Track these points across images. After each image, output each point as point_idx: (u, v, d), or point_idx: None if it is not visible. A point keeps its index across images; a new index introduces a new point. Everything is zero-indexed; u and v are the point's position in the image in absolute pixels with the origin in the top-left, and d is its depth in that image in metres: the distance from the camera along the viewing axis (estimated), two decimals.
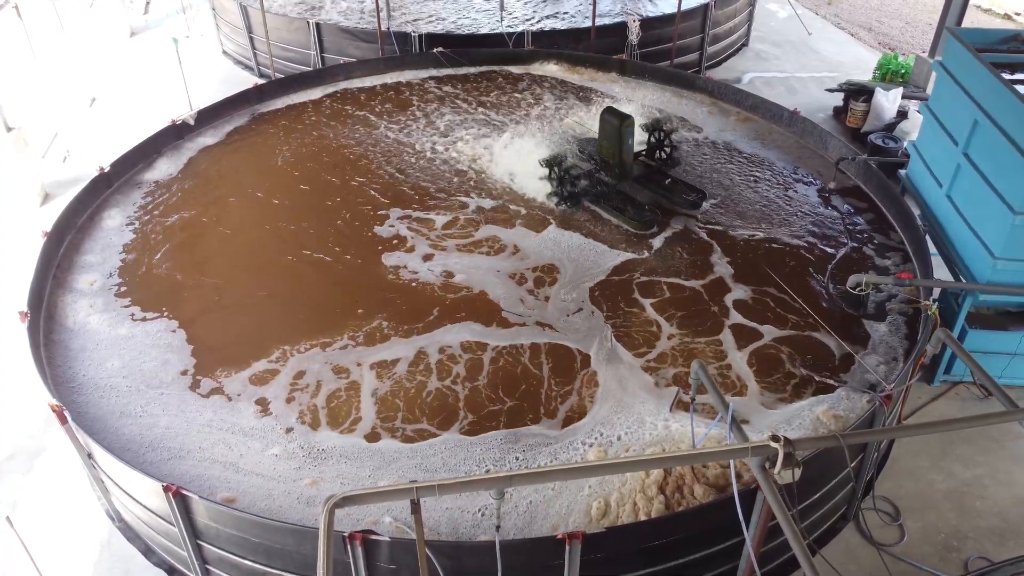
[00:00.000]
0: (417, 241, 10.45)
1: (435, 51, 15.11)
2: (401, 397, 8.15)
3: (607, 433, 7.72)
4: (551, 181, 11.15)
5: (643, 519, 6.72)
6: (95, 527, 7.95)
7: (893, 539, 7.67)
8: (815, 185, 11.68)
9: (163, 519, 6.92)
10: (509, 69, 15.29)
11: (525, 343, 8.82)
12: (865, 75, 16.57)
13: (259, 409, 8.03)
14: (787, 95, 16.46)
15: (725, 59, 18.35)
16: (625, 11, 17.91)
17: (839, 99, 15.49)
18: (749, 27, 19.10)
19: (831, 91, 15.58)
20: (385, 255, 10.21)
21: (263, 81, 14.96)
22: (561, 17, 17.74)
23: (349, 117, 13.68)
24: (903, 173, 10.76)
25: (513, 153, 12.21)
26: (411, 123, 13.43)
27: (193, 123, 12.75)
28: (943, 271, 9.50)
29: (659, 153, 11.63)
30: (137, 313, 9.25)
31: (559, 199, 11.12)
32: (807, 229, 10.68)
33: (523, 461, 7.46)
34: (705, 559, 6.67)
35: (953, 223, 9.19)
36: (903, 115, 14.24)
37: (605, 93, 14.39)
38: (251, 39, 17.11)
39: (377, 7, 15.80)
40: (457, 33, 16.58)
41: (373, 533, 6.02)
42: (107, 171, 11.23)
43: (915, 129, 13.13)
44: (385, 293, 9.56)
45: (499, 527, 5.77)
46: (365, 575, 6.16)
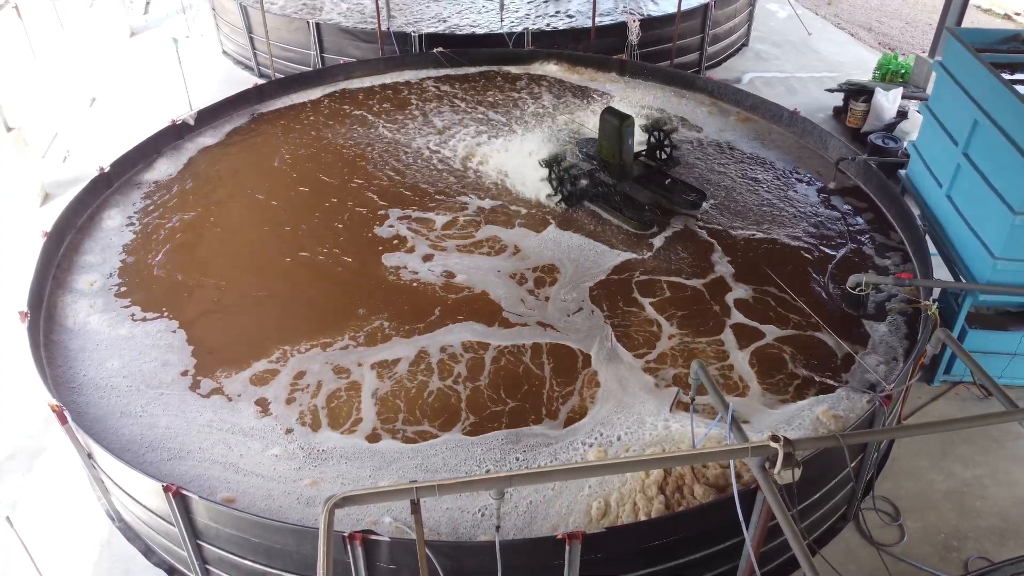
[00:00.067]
0: (417, 241, 10.45)
1: (435, 51, 15.12)
2: (402, 397, 8.15)
3: (607, 433, 7.72)
4: (551, 181, 11.16)
5: (643, 519, 6.72)
6: (95, 527, 7.94)
7: (893, 539, 7.67)
8: (815, 185, 11.68)
9: (163, 519, 6.91)
10: (509, 69, 15.28)
11: (526, 343, 8.82)
12: (865, 75, 16.56)
13: (259, 409, 8.03)
14: (787, 95, 16.45)
15: (725, 59, 18.34)
16: (625, 11, 17.91)
17: (839, 99, 15.48)
18: (749, 27, 19.09)
19: (831, 91, 15.58)
20: (385, 255, 10.21)
21: (263, 81, 14.95)
22: (561, 17, 17.74)
23: (348, 117, 13.67)
24: (903, 173, 10.76)
25: (513, 153, 12.21)
26: (409, 123, 13.44)
27: (193, 123, 12.75)
28: (943, 271, 9.50)
29: (659, 153, 11.63)
30: (137, 313, 9.25)
31: (559, 199, 11.13)
32: (807, 229, 10.68)
33: (523, 461, 7.46)
34: (705, 559, 6.67)
35: (953, 223, 9.19)
36: (903, 115, 14.24)
37: (605, 93, 14.39)
38: (251, 39, 17.11)
39: (377, 7, 15.81)
40: (457, 33, 16.57)
41: (373, 533, 6.02)
42: (107, 171, 11.23)
43: (915, 129, 13.13)
44: (386, 293, 9.55)
45: (499, 527, 5.75)
46: (365, 575, 6.16)
